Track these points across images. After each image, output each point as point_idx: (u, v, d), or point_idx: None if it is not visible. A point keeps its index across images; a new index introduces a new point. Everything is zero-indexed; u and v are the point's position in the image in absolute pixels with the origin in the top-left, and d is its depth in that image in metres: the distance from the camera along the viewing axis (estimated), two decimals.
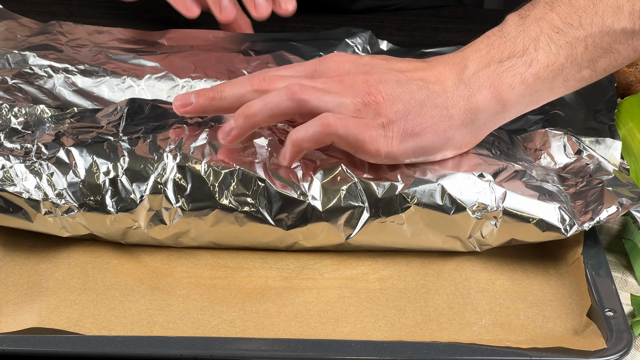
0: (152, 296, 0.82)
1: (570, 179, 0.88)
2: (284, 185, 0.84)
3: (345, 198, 0.84)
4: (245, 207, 0.84)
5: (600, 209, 0.84)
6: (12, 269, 0.85)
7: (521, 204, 0.84)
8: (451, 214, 0.84)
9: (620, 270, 0.88)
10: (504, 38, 0.87)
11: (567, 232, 0.84)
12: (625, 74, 1.06)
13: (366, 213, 0.84)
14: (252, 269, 0.86)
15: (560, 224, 0.84)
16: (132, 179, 0.84)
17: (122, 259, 0.86)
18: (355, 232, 0.85)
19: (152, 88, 1.00)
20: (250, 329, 0.80)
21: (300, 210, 0.84)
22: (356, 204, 0.84)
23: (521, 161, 0.88)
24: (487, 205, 0.84)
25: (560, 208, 0.84)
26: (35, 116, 0.91)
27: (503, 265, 0.87)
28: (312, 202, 0.84)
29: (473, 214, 0.84)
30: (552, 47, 0.86)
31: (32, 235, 0.88)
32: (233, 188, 0.84)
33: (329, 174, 0.84)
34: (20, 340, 0.77)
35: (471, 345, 0.77)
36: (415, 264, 0.86)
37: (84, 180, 0.84)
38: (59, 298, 0.82)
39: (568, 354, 0.76)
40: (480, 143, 0.88)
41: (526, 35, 0.86)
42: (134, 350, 0.76)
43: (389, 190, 0.84)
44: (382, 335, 0.80)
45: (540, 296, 0.84)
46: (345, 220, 0.84)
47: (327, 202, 0.84)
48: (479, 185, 0.84)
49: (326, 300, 0.83)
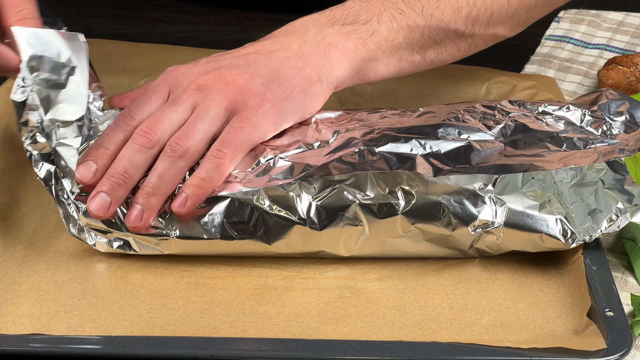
0: (152, 300, 0.82)
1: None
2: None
3: (344, 220, 0.83)
4: (242, 234, 0.84)
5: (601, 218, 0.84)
6: (11, 265, 0.85)
7: (522, 218, 0.83)
8: (452, 232, 0.84)
9: (620, 270, 0.88)
10: (346, 11, 0.90)
11: (569, 246, 0.84)
12: (625, 73, 1.06)
13: (364, 235, 0.84)
14: (252, 268, 0.86)
15: (562, 238, 0.84)
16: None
17: (121, 262, 0.86)
18: (354, 250, 0.85)
19: None
20: (250, 329, 0.80)
21: (298, 234, 0.83)
22: (355, 226, 0.83)
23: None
24: (488, 221, 0.83)
25: (561, 220, 0.84)
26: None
27: (503, 265, 0.87)
28: (311, 227, 0.83)
29: (474, 230, 0.84)
30: (393, 24, 0.89)
31: (30, 231, 0.88)
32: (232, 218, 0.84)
33: (328, 196, 0.83)
34: (20, 340, 0.77)
35: (471, 345, 0.77)
36: (415, 263, 0.86)
37: None
38: (59, 303, 0.82)
39: (568, 354, 0.76)
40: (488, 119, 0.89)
41: (369, 10, 0.90)
42: (134, 351, 0.76)
43: (389, 211, 0.83)
44: (382, 335, 0.80)
45: (540, 296, 0.84)
46: (344, 240, 0.84)
47: (326, 225, 0.83)
48: (480, 199, 0.84)
49: (326, 300, 0.83)
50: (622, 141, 0.87)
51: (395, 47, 0.90)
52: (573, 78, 1.13)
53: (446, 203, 0.83)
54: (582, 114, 0.90)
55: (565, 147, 0.87)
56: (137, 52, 1.09)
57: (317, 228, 0.83)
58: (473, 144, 0.86)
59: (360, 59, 0.89)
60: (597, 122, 0.89)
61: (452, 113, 0.89)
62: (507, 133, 0.88)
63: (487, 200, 0.83)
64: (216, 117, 0.84)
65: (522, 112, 0.91)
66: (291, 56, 0.88)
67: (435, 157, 0.85)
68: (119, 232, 0.84)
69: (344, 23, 0.89)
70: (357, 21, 0.90)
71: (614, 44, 1.19)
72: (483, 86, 1.06)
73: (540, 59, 1.16)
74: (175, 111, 0.85)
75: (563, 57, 1.17)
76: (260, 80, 0.86)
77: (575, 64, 1.16)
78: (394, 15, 0.90)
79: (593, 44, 1.19)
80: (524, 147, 0.86)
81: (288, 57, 0.88)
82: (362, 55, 0.89)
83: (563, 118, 0.90)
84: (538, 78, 1.08)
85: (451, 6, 0.91)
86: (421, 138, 0.86)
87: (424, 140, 0.86)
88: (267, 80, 0.86)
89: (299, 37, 0.89)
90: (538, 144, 0.87)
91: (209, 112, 0.84)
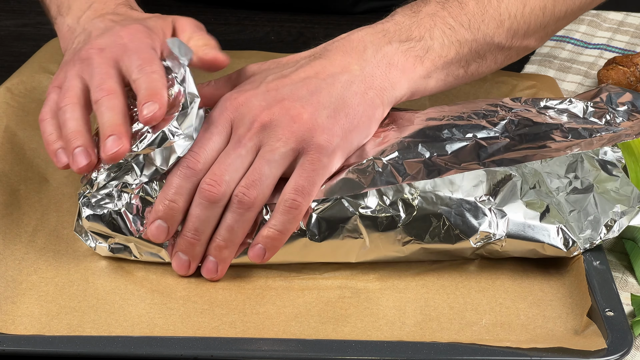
0: (152, 299, 0.82)
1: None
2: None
3: (344, 232, 0.83)
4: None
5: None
6: (11, 262, 0.85)
7: (524, 229, 0.83)
8: (453, 244, 0.84)
9: (620, 270, 0.88)
10: (398, 25, 0.88)
11: (571, 254, 0.84)
12: (625, 73, 1.06)
13: (364, 247, 0.84)
14: (253, 268, 0.86)
15: (564, 247, 0.84)
16: None
17: (121, 262, 0.86)
18: (354, 260, 0.85)
19: None
20: (250, 329, 0.80)
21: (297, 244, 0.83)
22: (355, 238, 0.83)
23: None
24: (490, 234, 0.83)
25: (562, 229, 0.84)
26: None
27: (503, 265, 0.86)
28: (311, 239, 0.83)
29: (475, 243, 0.84)
30: (445, 40, 0.88)
31: (30, 229, 0.88)
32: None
33: (328, 207, 0.83)
34: (20, 340, 0.77)
35: (471, 345, 0.77)
36: (415, 263, 0.86)
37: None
38: (59, 305, 0.81)
39: (568, 354, 0.76)
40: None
41: (421, 26, 0.88)
42: (134, 351, 0.76)
43: (389, 224, 0.83)
44: (382, 335, 0.80)
45: (540, 296, 0.84)
46: (344, 252, 0.84)
47: (327, 237, 0.83)
48: (480, 211, 0.83)
49: (326, 300, 0.83)
50: (626, 128, 0.87)
51: (447, 63, 0.89)
52: (573, 78, 1.13)
53: (447, 215, 0.83)
54: (585, 106, 0.90)
55: (570, 137, 0.87)
56: None
57: (317, 240, 0.83)
58: (480, 142, 0.86)
59: (417, 77, 0.88)
60: (600, 112, 0.89)
61: (455, 113, 0.89)
62: (512, 128, 0.88)
63: (487, 212, 0.83)
64: (283, 160, 0.82)
65: (524, 107, 0.91)
66: (353, 80, 0.85)
67: (442, 157, 0.85)
68: (120, 237, 0.84)
69: (400, 40, 0.87)
70: (411, 38, 0.88)
71: (614, 44, 1.19)
72: (483, 86, 1.06)
73: (540, 59, 1.16)
74: (239, 155, 0.82)
75: (563, 57, 1.17)
76: (326, 113, 0.83)
77: (576, 64, 1.16)
78: (444, 30, 0.88)
79: (593, 44, 1.19)
80: (530, 140, 0.86)
81: (350, 82, 0.85)
82: (419, 74, 0.88)
83: (566, 111, 0.90)
84: (538, 78, 1.08)
85: (495, 19, 0.90)
86: (427, 142, 0.86)
87: (430, 144, 0.85)
88: (332, 111, 0.83)
89: (357, 56, 0.86)
90: (543, 135, 0.87)
91: (275, 155, 0.82)
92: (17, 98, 1.01)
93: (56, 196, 0.92)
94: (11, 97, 1.00)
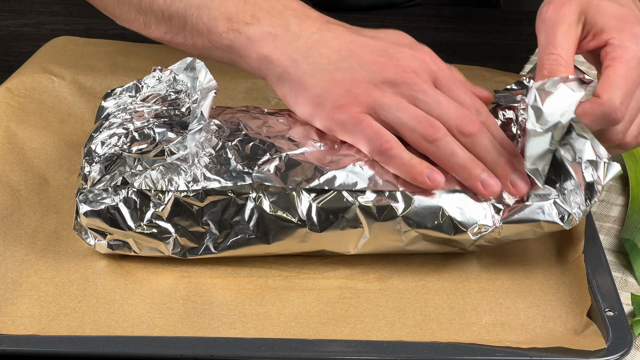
0: (152, 299, 0.82)
1: None
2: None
3: (344, 222, 0.83)
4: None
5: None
6: (11, 264, 0.85)
7: (519, 213, 0.83)
8: (452, 235, 0.84)
9: (620, 270, 0.88)
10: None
11: (569, 226, 0.83)
12: None
13: (364, 237, 0.84)
14: (253, 268, 0.86)
15: (560, 221, 0.83)
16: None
17: (121, 261, 0.86)
18: (354, 251, 0.85)
19: None
20: (250, 329, 0.80)
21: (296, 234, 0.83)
22: (355, 228, 0.83)
23: None
24: (488, 226, 0.83)
25: (555, 203, 0.83)
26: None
27: (503, 265, 0.87)
28: (311, 229, 0.83)
29: (474, 236, 0.84)
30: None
31: (30, 231, 0.88)
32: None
33: (328, 198, 0.83)
34: (20, 340, 0.77)
35: (471, 345, 0.77)
36: (415, 263, 0.86)
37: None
38: (59, 306, 0.81)
39: (568, 354, 0.76)
40: None
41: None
42: (134, 351, 0.76)
43: (388, 213, 0.83)
44: (382, 336, 0.80)
45: (540, 296, 0.84)
46: (344, 242, 0.84)
47: (326, 227, 0.83)
48: (478, 205, 0.84)
49: (326, 300, 0.83)
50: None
51: None
52: None
53: (446, 207, 0.83)
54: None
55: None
56: (137, 52, 1.09)
57: (317, 230, 0.83)
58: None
59: None
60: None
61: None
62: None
63: (486, 205, 0.84)
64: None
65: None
66: None
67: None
68: (119, 232, 0.84)
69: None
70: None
71: None
72: (483, 86, 1.06)
73: None
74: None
75: None
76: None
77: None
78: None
79: None
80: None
81: None
82: None
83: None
84: None
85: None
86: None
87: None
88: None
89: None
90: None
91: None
92: (17, 98, 1.01)
93: (56, 197, 0.92)
94: (11, 97, 1.00)
